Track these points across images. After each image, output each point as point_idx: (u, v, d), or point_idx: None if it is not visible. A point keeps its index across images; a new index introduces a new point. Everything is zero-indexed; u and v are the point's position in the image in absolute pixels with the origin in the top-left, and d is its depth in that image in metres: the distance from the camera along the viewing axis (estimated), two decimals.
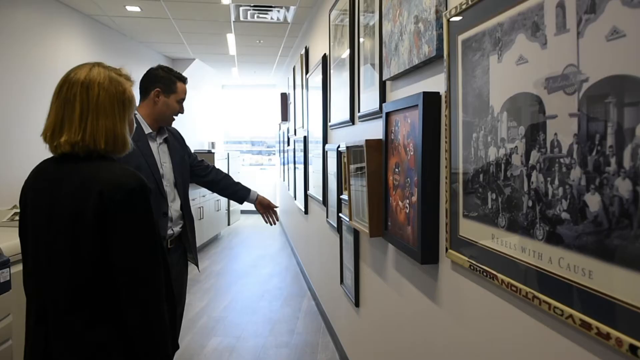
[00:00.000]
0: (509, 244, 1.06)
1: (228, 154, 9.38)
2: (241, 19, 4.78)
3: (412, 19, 1.57)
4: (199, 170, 2.63)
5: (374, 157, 1.97)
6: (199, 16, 4.83)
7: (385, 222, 1.91)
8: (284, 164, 7.76)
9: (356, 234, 2.66)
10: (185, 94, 2.36)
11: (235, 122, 11.12)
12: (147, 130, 2.26)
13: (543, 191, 0.93)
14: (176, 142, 2.43)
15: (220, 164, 8.80)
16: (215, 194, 7.74)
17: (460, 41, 1.26)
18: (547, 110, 0.91)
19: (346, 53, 2.77)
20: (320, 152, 3.81)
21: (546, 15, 0.90)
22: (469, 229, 1.25)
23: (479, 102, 1.17)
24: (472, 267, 1.23)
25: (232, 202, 9.50)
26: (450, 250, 1.37)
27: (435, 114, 1.45)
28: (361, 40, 2.43)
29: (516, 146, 1.02)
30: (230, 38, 5.76)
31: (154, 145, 2.26)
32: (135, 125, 1.43)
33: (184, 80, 2.37)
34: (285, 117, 7.20)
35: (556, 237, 0.90)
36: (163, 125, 2.35)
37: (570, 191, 0.86)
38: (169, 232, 2.26)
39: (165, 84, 2.28)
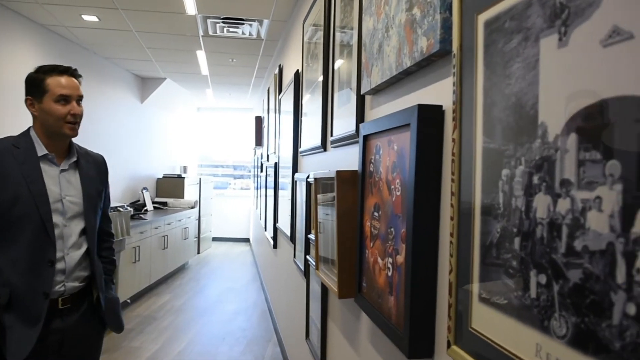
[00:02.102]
0: None
1: (200, 178, 8.83)
2: (210, 33, 4.30)
3: (403, 5, 1.11)
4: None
5: (346, 194, 1.48)
6: (163, 29, 4.34)
7: (359, 281, 1.41)
8: (257, 190, 7.23)
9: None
10: (64, 87, 1.74)
11: (212, 146, 10.60)
12: (42, 151, 1.73)
13: None
14: (92, 171, 1.88)
15: (191, 189, 8.24)
16: (182, 220, 7.17)
17: (481, 23, 0.79)
18: None
19: (319, 68, 2.31)
20: (289, 181, 3.32)
21: None
22: (491, 322, 0.76)
23: (516, 118, 0.70)
24: None
25: (202, 228, 8.91)
26: (454, 347, 0.87)
27: (436, 137, 0.97)
28: (337, 58, 1.96)
29: (598, 197, 0.54)
30: (201, 55, 5.28)
31: (51, 171, 1.73)
32: None
33: (58, 70, 1.77)
34: (259, 141, 6.71)
35: None
36: (64, 140, 1.80)
37: None
38: (59, 288, 1.70)
39: (34, 86, 1.74)
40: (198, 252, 8.83)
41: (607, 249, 0.53)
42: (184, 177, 7.92)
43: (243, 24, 4.00)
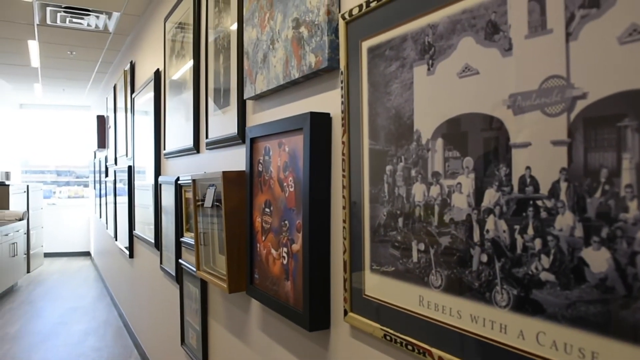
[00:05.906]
0: (450, 310, 0.84)
1: (27, 186, 8.08)
2: (49, 22, 4.05)
3: (289, 22, 1.32)
4: None
5: (234, 193, 1.65)
6: None
7: (251, 274, 1.59)
8: (100, 198, 6.88)
9: (204, 285, 2.27)
10: None
11: (37, 148, 9.70)
12: None
13: (507, 243, 0.73)
14: None
15: (17, 198, 7.51)
16: (10, 235, 6.52)
17: (365, 49, 1.03)
18: (512, 136, 0.71)
19: (188, 67, 2.41)
20: (150, 184, 3.33)
21: (511, 11, 0.71)
22: (382, 287, 1.01)
23: (396, 126, 0.95)
24: (389, 338, 0.98)
25: (32, 243, 8.17)
26: (351, 314, 1.11)
27: (326, 140, 1.19)
28: (210, 61, 2.11)
29: (459, 183, 0.81)
30: (33, 46, 4.90)
31: None
32: None
33: None
34: (103, 144, 6.41)
35: (531, 305, 0.69)
36: None
37: (556, 244, 0.66)
38: None
39: None
40: (28, 271, 8.09)
41: (466, 219, 0.80)
42: (8, 185, 7.20)
43: (89, 15, 3.86)
